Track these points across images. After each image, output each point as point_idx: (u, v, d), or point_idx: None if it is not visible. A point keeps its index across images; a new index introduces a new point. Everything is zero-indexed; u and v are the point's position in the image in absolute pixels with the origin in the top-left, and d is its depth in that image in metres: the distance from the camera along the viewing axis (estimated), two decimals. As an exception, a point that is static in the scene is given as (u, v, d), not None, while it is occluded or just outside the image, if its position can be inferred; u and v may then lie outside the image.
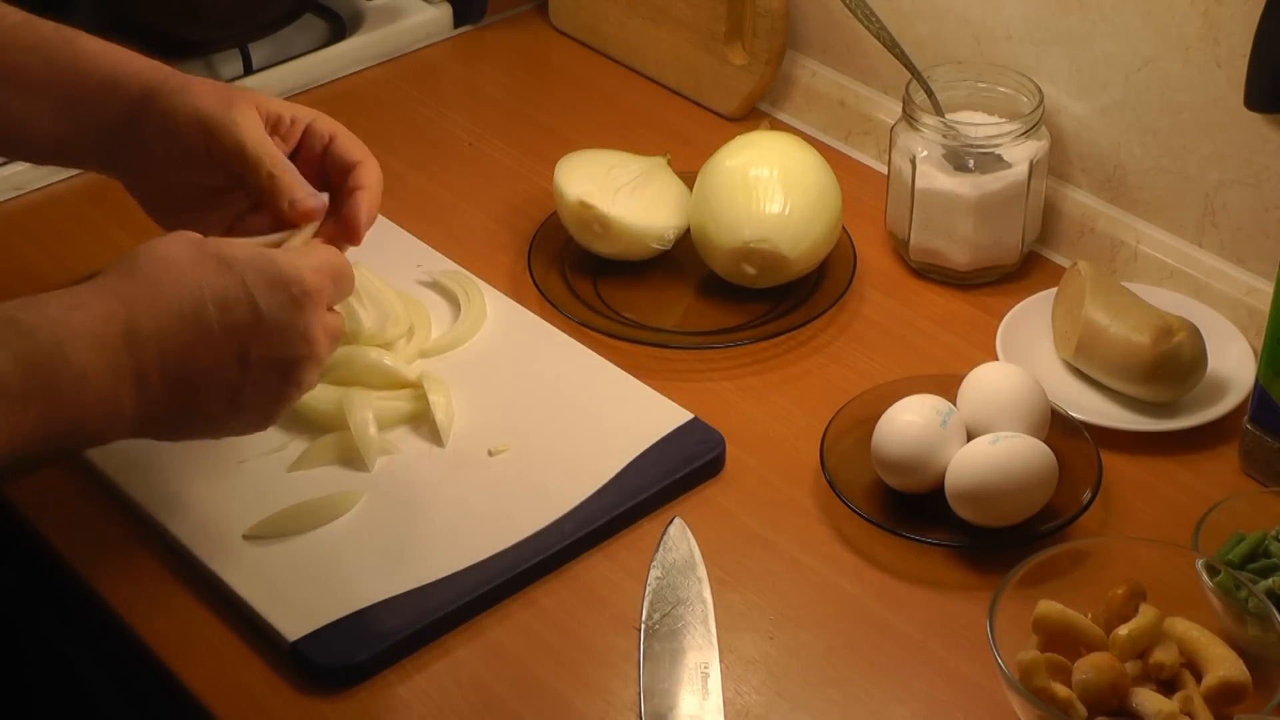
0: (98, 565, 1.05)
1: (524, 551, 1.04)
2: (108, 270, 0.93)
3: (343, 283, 0.99)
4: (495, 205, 1.37)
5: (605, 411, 1.14)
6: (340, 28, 1.58)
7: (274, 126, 1.08)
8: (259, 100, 1.08)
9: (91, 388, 0.89)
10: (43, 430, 0.88)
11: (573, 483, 1.08)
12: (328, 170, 1.09)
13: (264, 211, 1.05)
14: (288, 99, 1.48)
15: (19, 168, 1.37)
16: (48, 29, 1.09)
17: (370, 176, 1.08)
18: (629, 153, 1.31)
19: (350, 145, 1.09)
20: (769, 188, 1.22)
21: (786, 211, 1.22)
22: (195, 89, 1.07)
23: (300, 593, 1.01)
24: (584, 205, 1.25)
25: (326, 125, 1.10)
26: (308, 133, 1.09)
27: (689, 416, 1.13)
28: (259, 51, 1.52)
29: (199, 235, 0.96)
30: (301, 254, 0.98)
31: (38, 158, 1.19)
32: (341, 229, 1.06)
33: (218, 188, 1.07)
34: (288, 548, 1.04)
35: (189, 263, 0.93)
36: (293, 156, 1.08)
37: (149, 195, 1.11)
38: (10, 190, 1.37)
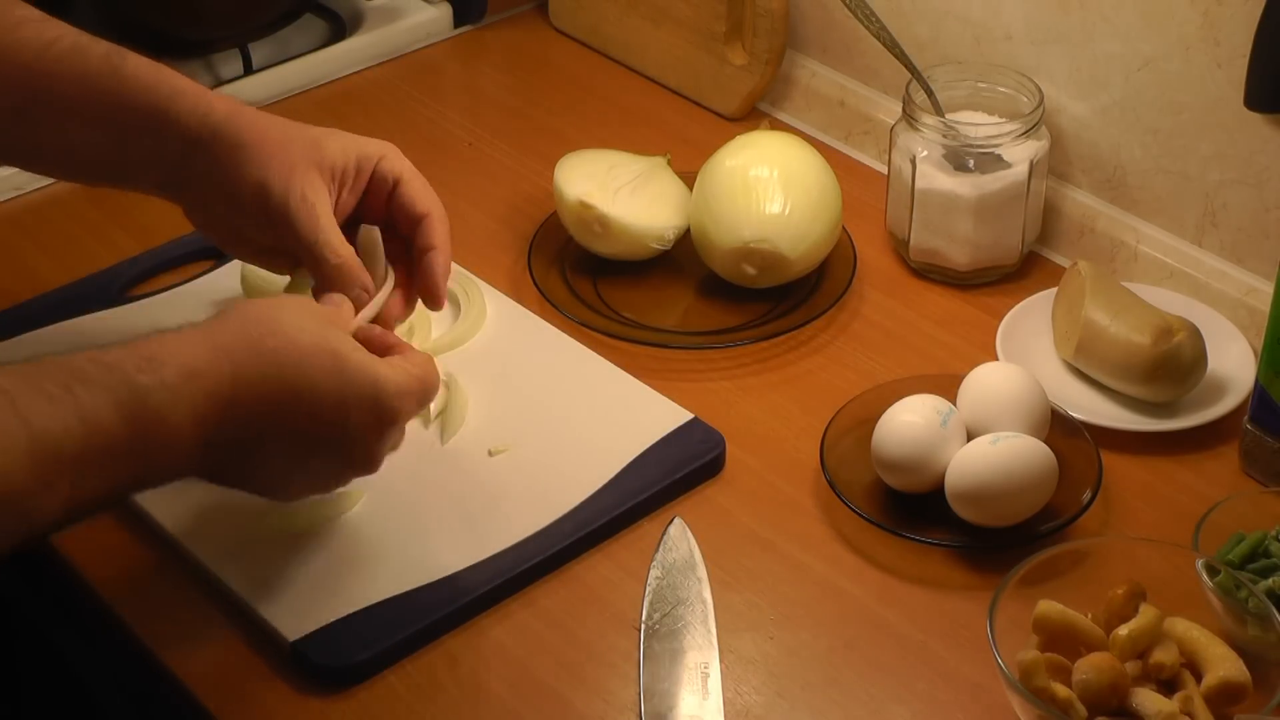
0: (97, 565, 1.05)
1: (524, 551, 1.04)
2: (233, 322, 0.93)
3: (427, 399, 1.00)
4: (495, 205, 1.37)
5: (605, 411, 1.14)
6: (340, 28, 1.58)
7: (340, 179, 1.07)
8: (323, 154, 1.06)
9: (177, 452, 0.90)
10: (128, 483, 0.89)
11: (573, 483, 1.08)
12: (393, 214, 1.09)
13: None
14: (288, 99, 1.50)
15: (19, 167, 1.37)
16: (96, 57, 1.07)
17: (441, 233, 1.08)
18: (629, 153, 1.31)
19: (417, 193, 1.08)
20: (769, 188, 1.22)
21: (786, 211, 1.22)
22: (252, 149, 1.04)
23: (300, 593, 1.01)
24: (584, 205, 1.25)
25: (392, 167, 1.08)
26: (374, 176, 1.08)
27: (689, 416, 1.13)
28: (259, 51, 1.52)
29: (325, 314, 0.97)
30: (406, 373, 0.97)
31: (95, 182, 1.18)
32: (422, 292, 1.07)
33: (278, 247, 1.07)
34: (288, 548, 1.04)
35: (307, 350, 0.93)
36: (360, 201, 1.08)
37: (211, 231, 1.10)
38: (10, 190, 1.37)
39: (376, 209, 1.09)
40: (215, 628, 1.01)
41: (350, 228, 1.08)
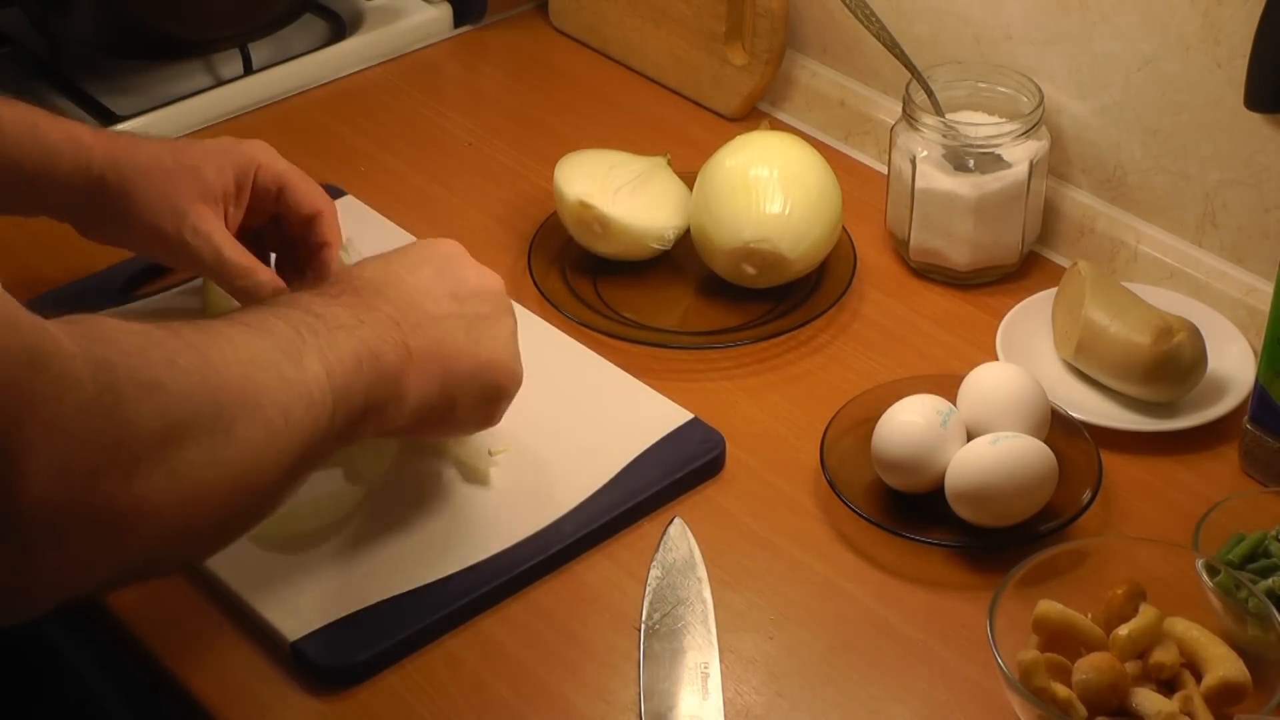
0: (98, 565, 1.05)
1: (524, 551, 1.04)
2: None
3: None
4: (495, 205, 1.37)
5: (605, 411, 1.14)
6: (340, 28, 1.58)
7: (224, 200, 1.10)
8: (204, 183, 1.09)
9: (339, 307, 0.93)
10: (361, 353, 0.91)
11: (573, 483, 1.08)
12: (282, 216, 1.13)
13: None
14: (288, 99, 1.50)
15: (19, 168, 1.37)
16: None
17: (333, 228, 1.13)
18: (629, 153, 1.31)
19: (303, 196, 1.12)
20: (769, 188, 1.22)
21: (786, 211, 1.22)
22: (136, 196, 1.07)
23: (300, 593, 1.01)
24: (584, 205, 1.25)
25: (272, 175, 1.12)
26: (256, 187, 1.12)
27: (689, 416, 1.13)
28: (259, 51, 1.52)
29: None
30: None
31: None
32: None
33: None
34: (288, 548, 1.04)
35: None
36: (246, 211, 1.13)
37: (112, 245, 1.15)
38: (10, 190, 1.37)
39: (262, 212, 1.13)
40: (215, 628, 1.01)
41: (242, 236, 1.12)
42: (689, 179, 1.29)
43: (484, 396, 1.00)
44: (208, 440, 0.78)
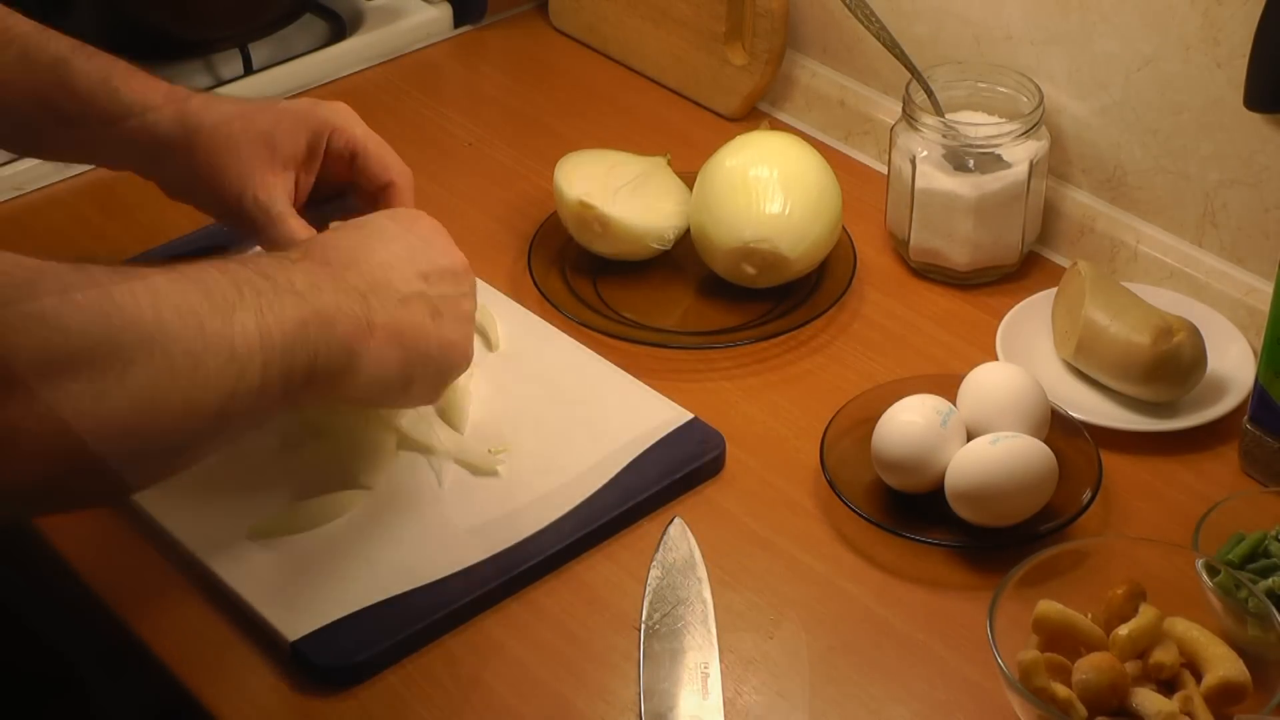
0: (97, 564, 1.05)
1: (524, 551, 1.04)
2: None
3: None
4: (495, 205, 1.37)
5: (605, 411, 1.14)
6: (340, 28, 1.58)
7: (294, 165, 1.09)
8: (273, 149, 1.07)
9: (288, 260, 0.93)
10: (304, 313, 0.89)
11: (573, 483, 1.08)
12: (357, 184, 1.11)
13: None
14: (288, 99, 1.50)
15: (19, 167, 1.37)
16: (43, 68, 1.07)
17: (406, 199, 1.11)
18: (629, 153, 1.31)
19: (377, 164, 1.11)
20: (769, 188, 1.22)
21: (786, 211, 1.22)
22: (202, 161, 1.06)
23: (300, 593, 1.01)
24: (584, 205, 1.25)
25: (346, 141, 1.10)
26: (329, 152, 1.10)
27: (689, 416, 1.13)
28: (259, 51, 1.52)
29: None
30: None
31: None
32: None
33: None
34: (288, 547, 1.04)
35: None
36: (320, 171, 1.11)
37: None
38: (10, 190, 1.37)
39: (337, 176, 1.12)
40: (215, 628, 1.01)
41: (313, 205, 1.11)
42: (689, 179, 1.29)
43: (438, 374, 1.00)
44: (99, 376, 0.78)
